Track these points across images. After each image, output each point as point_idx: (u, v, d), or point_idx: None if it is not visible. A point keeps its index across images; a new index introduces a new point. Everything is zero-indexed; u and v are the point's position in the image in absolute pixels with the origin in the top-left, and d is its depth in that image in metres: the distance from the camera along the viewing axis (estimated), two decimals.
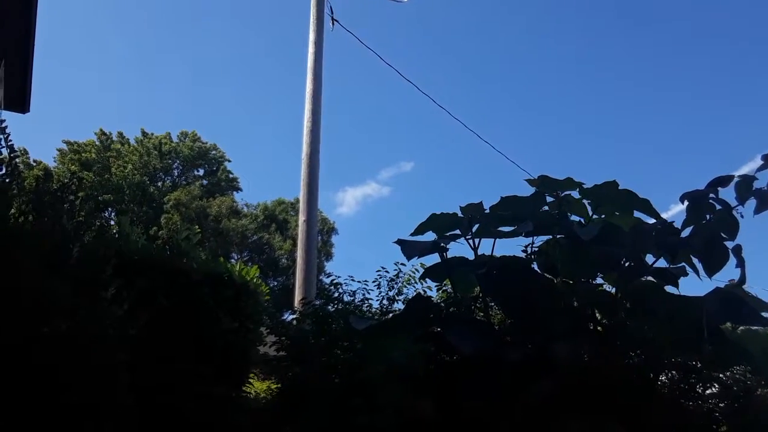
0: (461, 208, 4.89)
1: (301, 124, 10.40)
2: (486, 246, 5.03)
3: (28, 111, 6.26)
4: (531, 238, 4.94)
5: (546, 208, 4.85)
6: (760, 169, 4.42)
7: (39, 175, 4.49)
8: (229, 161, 40.72)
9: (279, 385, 5.52)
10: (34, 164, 32.50)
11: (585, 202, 4.91)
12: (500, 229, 4.90)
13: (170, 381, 4.80)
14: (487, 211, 4.87)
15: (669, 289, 4.51)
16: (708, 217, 4.45)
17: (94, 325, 3.89)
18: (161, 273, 5.07)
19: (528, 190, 4.94)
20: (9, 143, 4.31)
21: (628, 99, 57.13)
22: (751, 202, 4.39)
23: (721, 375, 4.73)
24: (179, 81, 56.28)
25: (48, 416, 3.73)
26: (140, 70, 56.54)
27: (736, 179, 4.43)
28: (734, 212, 4.40)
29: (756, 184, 4.39)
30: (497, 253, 5.01)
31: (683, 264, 4.54)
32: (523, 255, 4.95)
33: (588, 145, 57.37)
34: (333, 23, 11.19)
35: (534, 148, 54.51)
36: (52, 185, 4.42)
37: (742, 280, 4.34)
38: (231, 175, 40.62)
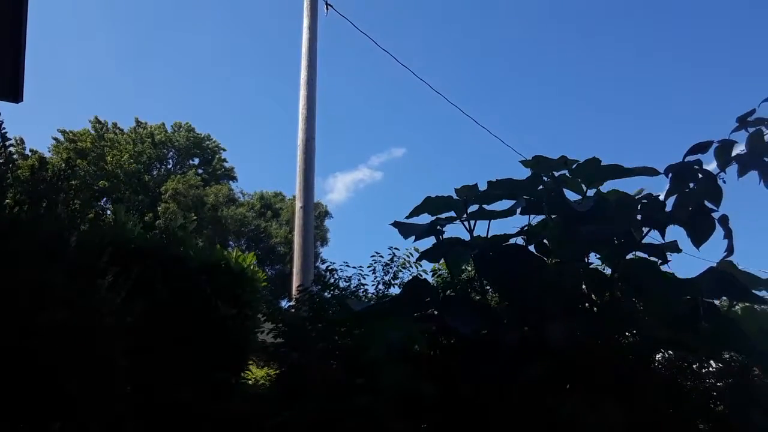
0: (456, 190, 4.88)
1: (295, 112, 10.39)
2: (482, 230, 5.03)
3: (22, 100, 6.20)
4: (527, 218, 4.94)
5: (542, 187, 4.83)
6: (735, 130, 4.40)
7: (33, 165, 4.47)
8: (224, 150, 40.69)
9: (277, 372, 5.54)
10: (30, 154, 32.36)
11: (578, 180, 4.89)
12: (495, 208, 4.90)
13: (168, 368, 4.82)
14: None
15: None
16: (691, 186, 4.42)
17: (91, 314, 3.90)
18: (158, 261, 5.08)
19: (523, 175, 4.94)
20: (3, 132, 4.29)
21: (624, 79, 57.09)
22: (733, 169, 4.38)
23: (718, 354, 4.73)
24: (172, 70, 56.06)
25: (46, 405, 3.74)
26: (133, 58, 56.27)
27: (715, 144, 4.41)
28: (717, 180, 4.38)
29: (736, 148, 4.38)
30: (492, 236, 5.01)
31: (675, 240, 4.53)
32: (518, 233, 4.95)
33: (587, 127, 57.34)
34: (327, 8, 11.11)
35: (530, 131, 54.51)
36: (46, 174, 4.41)
37: (730, 250, 4.33)
38: (226, 164, 40.57)
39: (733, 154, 4.40)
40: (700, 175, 4.38)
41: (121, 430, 4.05)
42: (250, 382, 5.90)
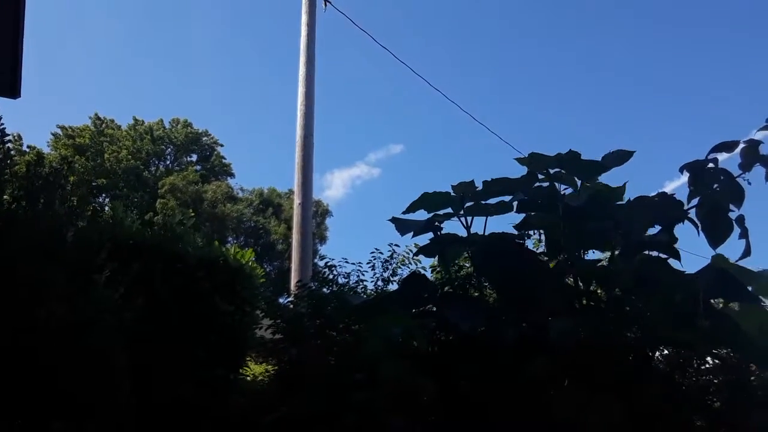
0: (453, 187, 4.87)
1: (294, 108, 10.38)
2: (479, 227, 5.03)
3: (19, 96, 6.16)
4: (523, 214, 4.93)
5: (537, 184, 4.83)
6: (762, 128, 4.31)
7: (31, 161, 4.46)
8: (222, 146, 40.66)
9: (276, 368, 5.54)
10: (28, 150, 32.30)
11: (573, 176, 4.88)
12: (491, 202, 4.89)
13: (167, 364, 4.82)
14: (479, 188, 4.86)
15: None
16: (715, 186, 4.36)
17: (89, 310, 3.90)
18: (156, 257, 5.07)
19: (521, 173, 4.94)
20: (1, 127, 4.28)
21: (630, 72, 57.11)
22: (758, 171, 4.30)
23: (716, 351, 4.73)
24: (170, 66, 55.98)
25: (45, 403, 3.74)
26: (131, 54, 56.17)
27: (741, 145, 4.35)
28: (741, 179, 4.32)
29: (762, 149, 4.31)
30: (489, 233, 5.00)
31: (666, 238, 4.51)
32: (515, 232, 4.95)
33: (589, 124, 57.33)
34: (325, 5, 11.09)
35: (529, 128, 54.50)
36: (43, 170, 4.40)
37: (747, 251, 4.26)
38: (224, 161, 40.54)
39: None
40: (722, 177, 4.32)
41: (121, 427, 4.06)
42: (248, 378, 5.90)
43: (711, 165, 4.37)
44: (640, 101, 56.67)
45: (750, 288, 4.30)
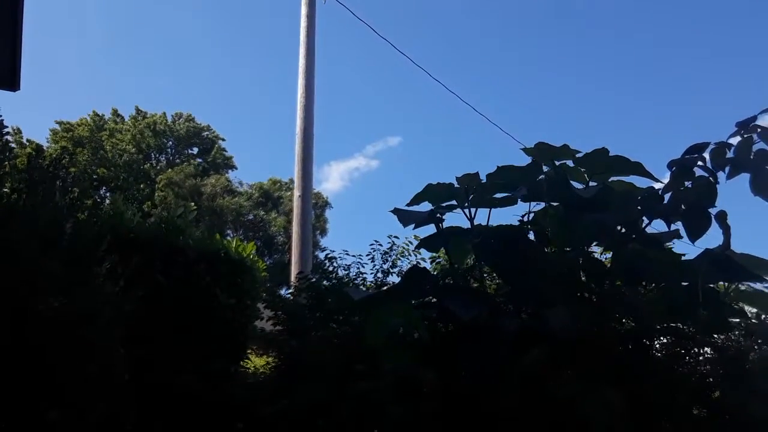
0: (457, 179, 4.84)
1: (294, 100, 10.37)
2: (482, 219, 5.02)
3: (19, 89, 6.16)
4: (528, 206, 4.92)
5: (543, 176, 4.80)
6: (733, 135, 4.43)
7: (31, 153, 4.46)
8: (224, 140, 40.62)
9: (277, 360, 5.56)
10: (27, 144, 32.29)
11: (582, 170, 4.85)
12: (495, 196, 4.86)
13: (168, 356, 4.83)
14: (484, 181, 4.83)
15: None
16: (687, 184, 4.44)
17: (87, 302, 3.90)
18: (157, 250, 5.08)
19: (523, 163, 4.90)
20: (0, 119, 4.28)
21: (629, 68, 56.99)
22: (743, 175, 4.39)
23: (715, 337, 4.74)
24: (170, 60, 55.88)
25: (44, 394, 3.74)
26: (130, 49, 56.07)
27: (711, 146, 4.43)
28: (712, 180, 4.40)
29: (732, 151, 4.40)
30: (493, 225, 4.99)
31: (677, 228, 4.54)
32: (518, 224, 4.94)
33: (587, 118, 57.24)
34: None
35: (528, 123, 54.48)
36: (43, 162, 4.39)
37: (726, 246, 4.32)
38: (226, 154, 40.49)
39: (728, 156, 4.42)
40: (698, 174, 4.39)
41: (121, 418, 4.07)
42: (249, 370, 5.92)
43: (699, 163, 4.43)
44: (641, 97, 56.56)
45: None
